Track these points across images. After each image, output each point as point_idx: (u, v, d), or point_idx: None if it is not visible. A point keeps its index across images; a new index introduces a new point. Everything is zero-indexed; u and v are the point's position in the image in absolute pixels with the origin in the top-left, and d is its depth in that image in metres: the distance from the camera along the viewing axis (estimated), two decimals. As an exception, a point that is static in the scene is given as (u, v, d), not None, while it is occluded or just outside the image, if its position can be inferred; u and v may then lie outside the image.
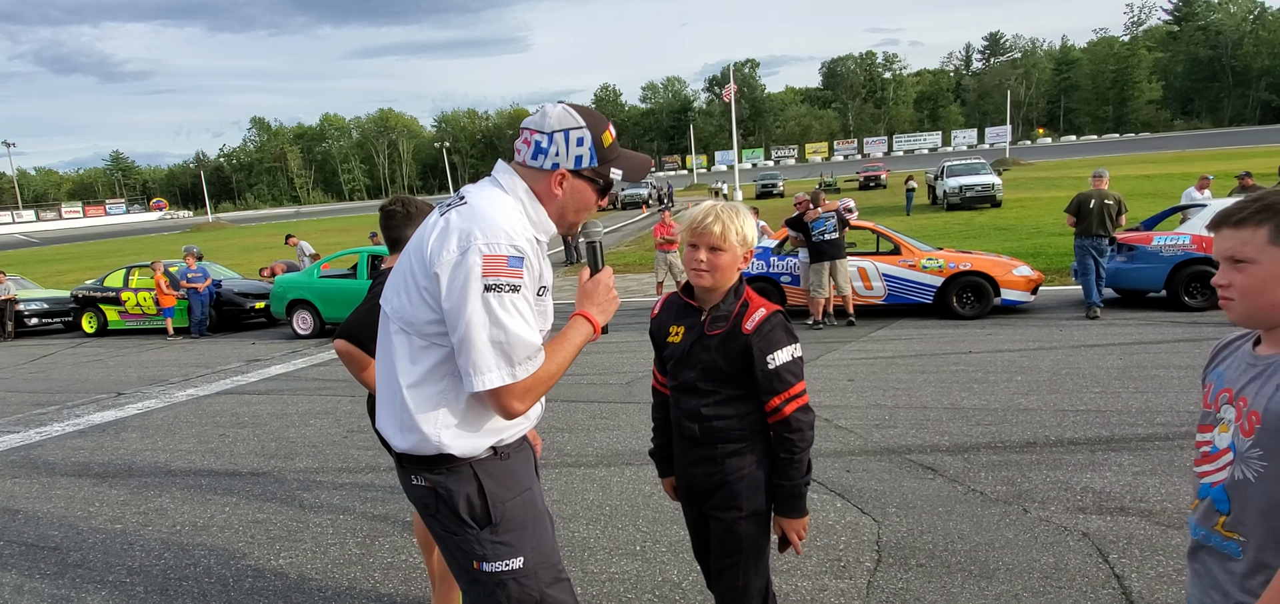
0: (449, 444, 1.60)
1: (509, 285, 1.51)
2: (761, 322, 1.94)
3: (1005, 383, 6.15)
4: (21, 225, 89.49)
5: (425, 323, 1.58)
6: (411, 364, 1.61)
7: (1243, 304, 1.34)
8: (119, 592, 3.49)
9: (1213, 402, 1.44)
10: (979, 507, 3.81)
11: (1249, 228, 1.31)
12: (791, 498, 2.00)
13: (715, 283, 1.98)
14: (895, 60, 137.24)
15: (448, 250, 1.52)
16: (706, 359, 1.98)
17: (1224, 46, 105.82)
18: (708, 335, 1.99)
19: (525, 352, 1.54)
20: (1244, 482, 1.32)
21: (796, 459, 1.96)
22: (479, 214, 1.56)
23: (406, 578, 3.45)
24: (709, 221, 1.96)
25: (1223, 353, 1.50)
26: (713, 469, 2.01)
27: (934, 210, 27.30)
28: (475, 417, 1.63)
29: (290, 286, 12.24)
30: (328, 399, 7.25)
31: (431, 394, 1.60)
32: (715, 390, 1.99)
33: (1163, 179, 28.84)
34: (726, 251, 1.96)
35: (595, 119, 1.69)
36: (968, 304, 9.43)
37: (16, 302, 14.70)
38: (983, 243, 15.06)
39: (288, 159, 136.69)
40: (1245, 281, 1.33)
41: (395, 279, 1.67)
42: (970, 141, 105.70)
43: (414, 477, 1.68)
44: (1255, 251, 1.31)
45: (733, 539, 2.02)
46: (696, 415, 2.01)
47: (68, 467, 5.58)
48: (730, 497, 2.01)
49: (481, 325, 1.50)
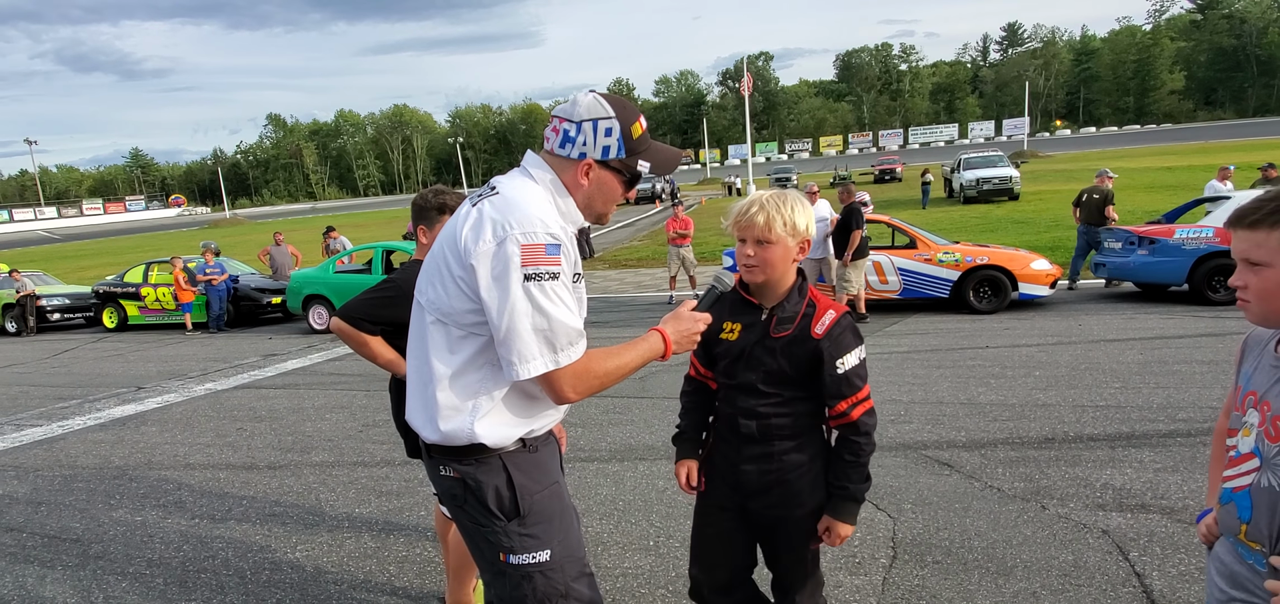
0: (482, 434, 1.60)
1: (548, 273, 1.51)
2: (832, 325, 1.87)
3: (1023, 378, 6.08)
4: (44, 222, 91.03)
5: (464, 312, 1.57)
6: (450, 354, 1.61)
7: (1259, 306, 1.31)
8: (139, 583, 3.53)
9: (1240, 404, 1.41)
10: (996, 503, 3.77)
11: (1264, 230, 1.28)
12: (850, 501, 1.93)
13: (768, 278, 1.89)
14: (911, 52, 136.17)
15: (484, 241, 1.52)
16: (770, 363, 1.90)
17: (1248, 35, 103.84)
18: (773, 337, 1.90)
19: (568, 337, 1.54)
20: (1270, 489, 1.29)
21: (861, 462, 1.91)
22: (512, 204, 1.56)
23: (421, 571, 3.47)
24: (753, 213, 1.87)
25: (1251, 349, 1.46)
26: (770, 465, 1.95)
27: (950, 204, 27.03)
28: (508, 407, 1.63)
29: (306, 282, 12.34)
30: (343, 393, 7.30)
31: (469, 384, 1.61)
32: (777, 393, 1.91)
33: (1185, 170, 28.40)
34: (775, 244, 1.86)
35: (625, 109, 1.67)
36: (985, 298, 9.32)
37: (38, 297, 14.94)
38: (1000, 236, 14.88)
39: (303, 155, 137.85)
40: (1261, 284, 1.29)
41: (428, 270, 1.67)
42: (987, 134, 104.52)
43: (443, 467, 1.69)
44: (1270, 255, 1.27)
45: (799, 535, 1.99)
46: (754, 413, 1.94)
47: (89, 459, 5.66)
48: (791, 494, 1.96)
49: (525, 314, 1.49)
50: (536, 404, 1.67)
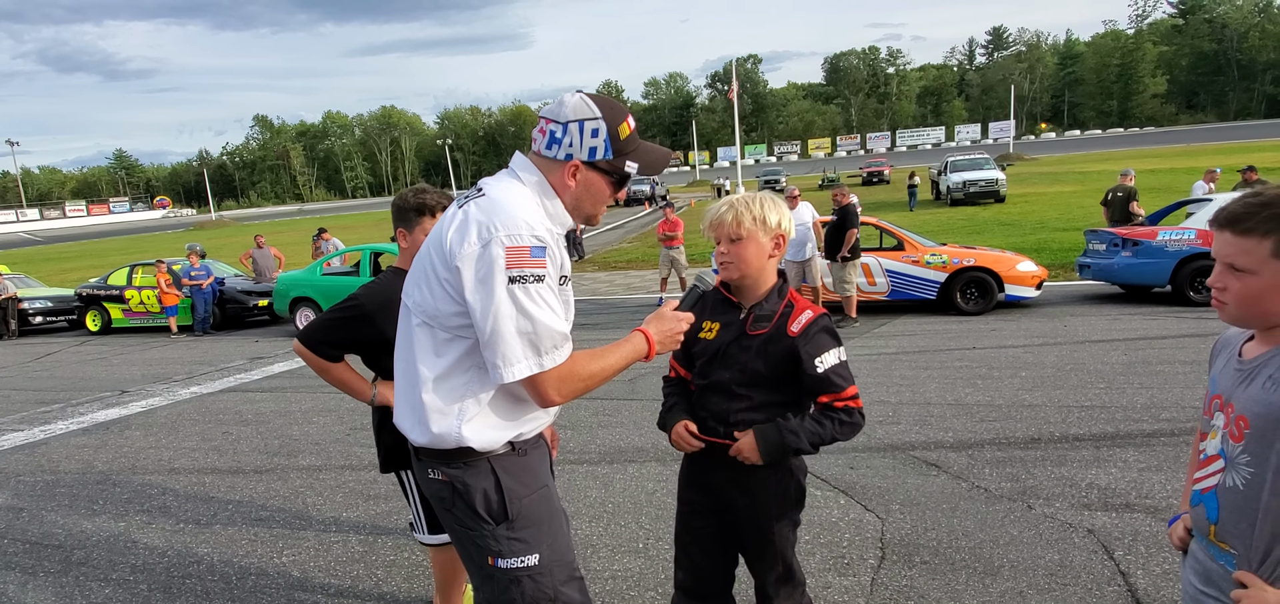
0: (469, 437, 1.60)
1: (533, 276, 1.50)
2: (808, 324, 1.87)
3: (1009, 379, 6.13)
4: (26, 224, 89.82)
5: (449, 315, 1.57)
6: (435, 357, 1.61)
7: (1236, 309, 1.32)
8: (123, 589, 3.49)
9: (1209, 407, 1.43)
10: (983, 503, 3.79)
11: (1254, 238, 1.27)
12: (776, 438, 1.84)
13: (744, 274, 1.91)
14: (898, 56, 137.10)
15: (468, 243, 1.51)
16: (745, 360, 1.90)
17: (1230, 40, 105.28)
18: (749, 335, 1.91)
19: (552, 340, 1.53)
20: (1233, 488, 1.30)
21: (822, 432, 1.85)
22: (497, 206, 1.55)
23: (409, 575, 3.45)
24: (722, 213, 1.91)
25: (1220, 352, 1.48)
26: (736, 474, 1.95)
27: (938, 206, 27.22)
28: (496, 410, 1.63)
29: (293, 284, 12.25)
30: (331, 397, 7.25)
31: (455, 387, 1.60)
32: (749, 395, 1.91)
33: (1167, 173, 28.74)
34: (746, 240, 1.88)
35: (612, 110, 1.66)
36: (971, 300, 9.39)
37: (19, 300, 14.74)
38: (987, 238, 15.00)
39: (290, 157, 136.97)
40: (1242, 290, 1.29)
41: (415, 273, 1.67)
42: (974, 136, 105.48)
43: (431, 470, 1.68)
44: (1257, 263, 1.27)
45: (770, 548, 2.00)
46: (725, 419, 1.94)
47: (72, 464, 5.59)
48: (757, 505, 1.96)
49: (508, 317, 1.49)
50: (524, 407, 1.67)
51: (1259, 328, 1.33)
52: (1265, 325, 1.31)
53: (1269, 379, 1.26)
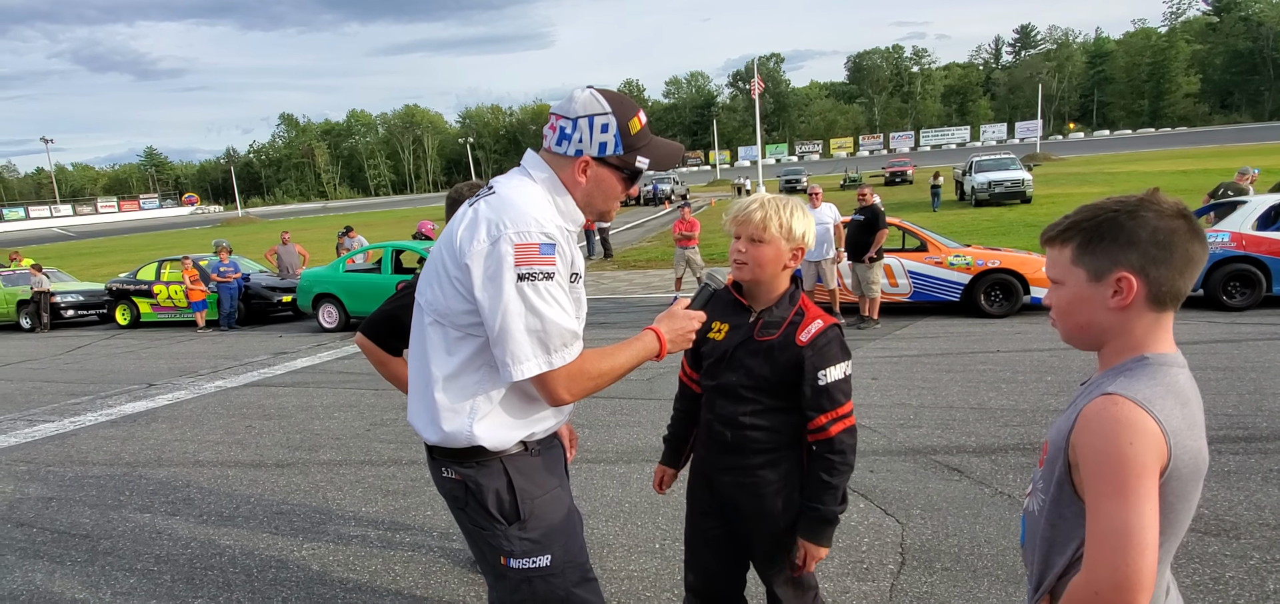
0: (481, 436, 1.59)
1: (542, 273, 1.49)
2: (818, 334, 1.83)
3: (1034, 383, 6.02)
4: (59, 219, 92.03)
5: (460, 313, 1.56)
6: (447, 355, 1.60)
7: (1061, 324, 1.29)
8: (147, 579, 3.55)
9: None
10: (1006, 509, 3.72)
11: (1056, 247, 1.25)
12: (822, 523, 1.86)
13: (756, 278, 1.87)
14: (923, 54, 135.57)
15: (478, 241, 1.50)
16: (752, 364, 1.87)
17: (1265, 39, 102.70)
18: (756, 340, 1.88)
19: (562, 338, 1.52)
20: (1031, 512, 1.30)
21: (835, 483, 1.84)
22: (507, 203, 1.54)
23: (427, 570, 3.47)
24: (752, 209, 1.85)
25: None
26: (743, 478, 1.93)
27: (962, 207, 26.86)
28: (508, 409, 1.62)
29: (316, 280, 12.40)
30: (352, 392, 7.33)
31: (466, 385, 1.60)
32: (756, 400, 1.88)
33: (1200, 174, 28.08)
34: (768, 244, 1.84)
35: (623, 105, 1.64)
36: (996, 302, 9.25)
37: (52, 294, 15.10)
38: (1012, 240, 14.76)
39: (315, 155, 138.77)
40: (1057, 301, 1.27)
41: (428, 271, 1.67)
42: (1000, 136, 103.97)
43: (444, 469, 1.68)
44: (1062, 272, 1.25)
45: (777, 552, 1.97)
46: (732, 422, 1.91)
47: (100, 456, 5.70)
48: (764, 511, 1.93)
49: (517, 314, 1.48)
50: (536, 406, 1.66)
51: (1086, 348, 1.29)
52: (1088, 344, 1.27)
53: (1071, 405, 1.24)
